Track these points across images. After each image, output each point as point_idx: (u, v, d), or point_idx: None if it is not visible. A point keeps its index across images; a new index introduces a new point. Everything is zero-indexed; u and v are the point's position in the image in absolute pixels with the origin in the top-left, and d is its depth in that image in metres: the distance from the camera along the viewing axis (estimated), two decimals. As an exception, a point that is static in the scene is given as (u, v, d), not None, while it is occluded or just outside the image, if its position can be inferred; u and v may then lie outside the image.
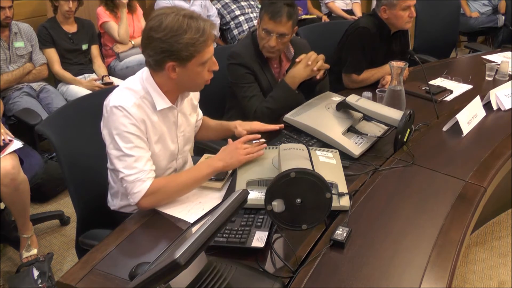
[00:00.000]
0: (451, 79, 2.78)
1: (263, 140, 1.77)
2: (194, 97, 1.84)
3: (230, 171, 1.75)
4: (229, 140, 1.75)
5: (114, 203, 1.79)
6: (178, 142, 1.76)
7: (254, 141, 1.76)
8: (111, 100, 1.58)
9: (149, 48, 1.54)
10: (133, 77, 1.67)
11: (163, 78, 1.60)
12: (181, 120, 1.75)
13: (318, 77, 2.15)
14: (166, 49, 1.51)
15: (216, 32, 4.22)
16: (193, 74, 1.58)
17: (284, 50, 2.30)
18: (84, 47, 3.51)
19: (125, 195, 1.65)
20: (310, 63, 2.12)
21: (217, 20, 4.26)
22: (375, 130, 2.03)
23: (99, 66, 3.58)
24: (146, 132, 1.61)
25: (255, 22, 4.28)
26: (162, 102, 1.63)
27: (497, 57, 3.18)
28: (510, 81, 2.58)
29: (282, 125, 1.94)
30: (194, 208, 1.59)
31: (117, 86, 1.69)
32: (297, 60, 2.16)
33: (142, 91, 1.61)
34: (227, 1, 4.35)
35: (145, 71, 1.64)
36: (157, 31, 1.50)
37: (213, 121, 2.04)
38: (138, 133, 1.58)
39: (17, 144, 2.31)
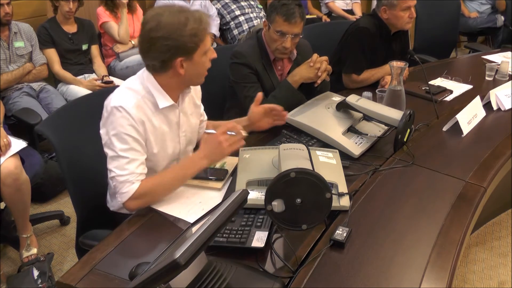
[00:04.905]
0: (451, 79, 2.78)
1: (241, 129, 1.67)
2: (196, 95, 1.83)
3: (230, 171, 1.75)
4: (205, 135, 1.69)
5: (113, 204, 1.79)
6: (180, 142, 1.76)
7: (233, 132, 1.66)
8: (112, 100, 1.58)
9: (153, 50, 1.54)
10: (133, 77, 1.67)
11: (167, 77, 1.61)
12: (183, 119, 1.74)
13: (319, 81, 2.15)
14: (172, 46, 1.52)
15: (216, 32, 4.22)
16: (198, 65, 1.60)
17: None
18: (84, 47, 3.50)
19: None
20: (312, 64, 2.13)
21: (217, 20, 4.26)
22: (375, 130, 2.03)
23: (99, 66, 3.58)
24: (145, 133, 1.61)
25: (255, 22, 4.28)
26: (165, 100, 1.63)
27: (497, 57, 3.18)
28: (510, 81, 2.58)
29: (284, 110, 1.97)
30: (194, 208, 1.59)
31: (117, 86, 1.69)
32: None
33: (143, 91, 1.62)
34: (227, 1, 4.35)
35: (145, 72, 1.65)
36: (157, 30, 1.50)
37: (215, 122, 2.02)
38: (135, 135, 1.58)
39: (21, 144, 2.31)
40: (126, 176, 1.57)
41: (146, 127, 1.61)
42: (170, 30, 1.50)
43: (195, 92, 1.82)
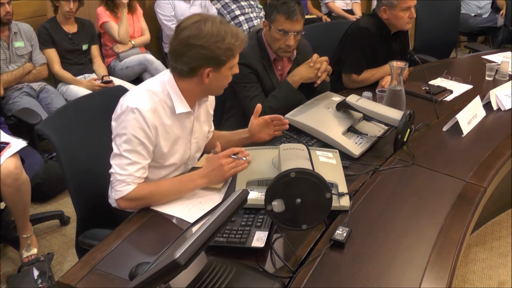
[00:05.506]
0: (451, 79, 2.78)
1: (248, 155, 1.71)
2: (210, 105, 1.85)
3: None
4: (211, 154, 1.71)
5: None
6: (191, 148, 1.77)
7: (237, 156, 1.69)
8: (129, 99, 1.58)
9: (187, 55, 1.55)
10: (153, 79, 1.68)
11: (190, 83, 1.61)
12: (196, 126, 1.75)
13: (319, 81, 2.16)
14: (207, 55, 1.54)
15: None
16: (223, 78, 1.62)
17: None
18: (84, 47, 3.50)
19: None
20: (312, 65, 2.14)
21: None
22: (375, 130, 2.03)
23: (99, 66, 3.58)
24: (156, 138, 1.61)
25: (255, 22, 4.28)
26: (182, 106, 1.64)
27: (497, 57, 3.17)
28: (510, 81, 2.58)
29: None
30: (194, 208, 1.59)
31: (117, 86, 1.69)
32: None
33: (162, 94, 1.62)
34: (227, 1, 4.35)
35: (166, 74, 1.65)
36: (197, 38, 1.52)
37: (224, 131, 2.04)
38: (144, 139, 1.58)
39: (21, 143, 2.31)
40: (124, 177, 1.58)
41: (158, 132, 1.61)
42: (210, 40, 1.52)
43: (210, 101, 1.83)
